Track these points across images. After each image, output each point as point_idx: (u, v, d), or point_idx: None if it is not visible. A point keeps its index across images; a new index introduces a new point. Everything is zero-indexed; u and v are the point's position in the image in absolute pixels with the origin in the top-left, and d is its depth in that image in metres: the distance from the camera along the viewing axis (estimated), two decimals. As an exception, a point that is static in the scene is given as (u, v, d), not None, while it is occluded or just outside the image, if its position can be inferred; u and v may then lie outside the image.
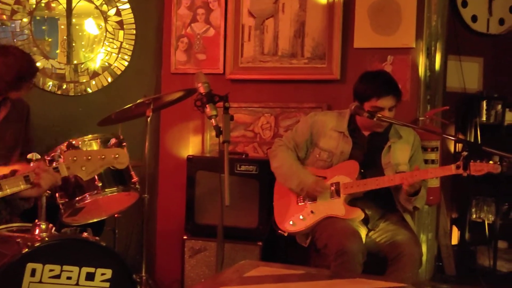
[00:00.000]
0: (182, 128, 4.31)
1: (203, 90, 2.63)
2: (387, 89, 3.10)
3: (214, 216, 3.67)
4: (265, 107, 4.16)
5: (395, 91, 3.12)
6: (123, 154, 2.29)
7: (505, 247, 4.85)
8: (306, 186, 3.18)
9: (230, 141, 2.56)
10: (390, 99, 3.10)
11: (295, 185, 3.22)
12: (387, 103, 3.09)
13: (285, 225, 3.25)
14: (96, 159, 2.28)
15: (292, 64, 4.09)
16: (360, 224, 3.18)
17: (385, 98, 3.09)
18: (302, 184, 3.19)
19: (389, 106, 3.10)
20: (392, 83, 3.16)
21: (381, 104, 3.08)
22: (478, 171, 2.88)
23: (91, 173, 2.32)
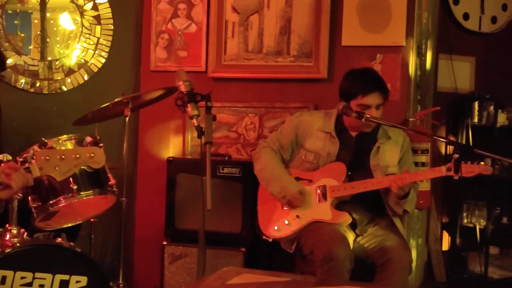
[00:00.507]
0: (162, 129, 4.29)
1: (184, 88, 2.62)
2: (373, 85, 3.11)
3: (195, 220, 3.65)
4: (249, 107, 4.15)
5: (382, 88, 3.14)
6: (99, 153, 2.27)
7: (497, 253, 4.89)
8: (288, 195, 3.17)
9: (212, 142, 2.55)
10: (376, 96, 3.11)
11: (277, 191, 3.22)
12: (373, 101, 3.10)
13: (269, 230, 3.25)
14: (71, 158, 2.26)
15: (278, 62, 4.09)
16: (348, 229, 3.18)
17: (371, 95, 3.10)
18: (284, 192, 3.19)
19: (376, 103, 3.11)
20: (378, 80, 3.18)
21: (367, 101, 3.09)
22: (469, 173, 2.90)
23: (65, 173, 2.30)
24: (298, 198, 3.16)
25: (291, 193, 3.16)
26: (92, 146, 2.93)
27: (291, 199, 3.17)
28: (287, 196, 3.17)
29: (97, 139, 3.06)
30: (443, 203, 4.76)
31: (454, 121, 4.76)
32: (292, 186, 3.18)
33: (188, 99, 2.59)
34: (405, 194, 3.05)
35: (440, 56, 4.49)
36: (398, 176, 3.04)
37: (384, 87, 3.16)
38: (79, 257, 2.51)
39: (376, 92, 3.10)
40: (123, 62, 4.37)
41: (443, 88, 4.63)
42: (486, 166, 2.91)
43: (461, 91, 4.73)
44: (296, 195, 3.16)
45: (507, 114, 4.77)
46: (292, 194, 3.16)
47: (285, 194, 3.18)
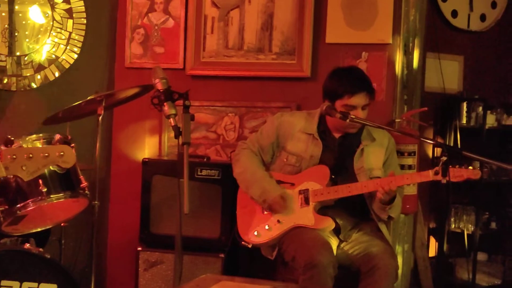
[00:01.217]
0: (137, 128, 4.28)
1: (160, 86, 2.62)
2: (360, 85, 3.12)
3: (171, 225, 3.64)
4: (229, 106, 4.15)
5: (369, 88, 3.15)
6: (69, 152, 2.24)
7: (485, 259, 4.94)
8: (269, 199, 3.17)
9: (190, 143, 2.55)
10: (363, 96, 3.12)
11: (257, 195, 3.21)
12: (360, 101, 3.11)
13: (249, 236, 3.25)
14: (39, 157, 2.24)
15: (259, 60, 4.09)
16: (331, 235, 3.19)
17: (358, 95, 3.10)
18: (264, 196, 3.19)
19: (363, 104, 3.12)
20: (365, 79, 3.19)
21: (354, 102, 3.10)
22: (458, 177, 2.92)
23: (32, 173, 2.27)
24: (279, 202, 3.16)
25: (272, 197, 3.16)
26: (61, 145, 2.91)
27: (272, 203, 3.17)
28: (267, 201, 3.17)
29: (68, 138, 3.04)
30: (430, 208, 4.80)
31: (442, 123, 4.80)
32: (273, 190, 3.19)
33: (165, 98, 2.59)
34: (390, 199, 3.07)
35: (427, 54, 4.53)
36: (384, 180, 3.05)
37: (371, 87, 3.17)
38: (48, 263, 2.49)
39: (363, 92, 3.11)
40: (96, 58, 4.35)
41: (430, 88, 4.66)
42: (474, 170, 2.94)
43: (449, 91, 4.78)
44: (277, 200, 3.16)
45: (496, 116, 4.82)
46: (273, 199, 3.16)
47: (265, 198, 3.18)
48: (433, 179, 2.95)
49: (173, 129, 2.54)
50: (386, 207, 3.09)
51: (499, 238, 4.97)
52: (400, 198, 3.20)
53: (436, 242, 4.80)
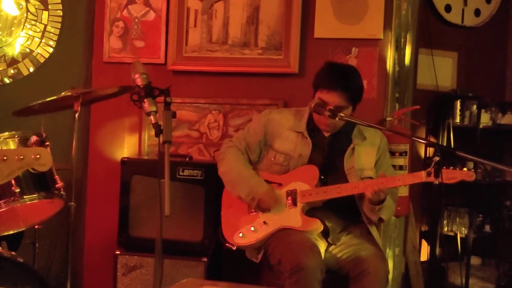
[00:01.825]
0: (116, 126, 4.26)
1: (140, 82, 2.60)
2: (336, 83, 3.10)
3: (151, 228, 3.65)
4: (212, 103, 4.15)
5: (344, 88, 3.11)
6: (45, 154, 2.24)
7: (479, 263, 4.97)
8: (258, 196, 3.17)
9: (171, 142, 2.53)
10: (337, 95, 3.09)
11: (245, 194, 3.21)
12: (332, 99, 3.10)
13: (233, 238, 3.24)
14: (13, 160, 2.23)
15: (244, 55, 4.09)
16: (319, 237, 3.20)
17: (331, 92, 3.10)
18: (253, 194, 3.19)
19: (335, 104, 3.10)
20: (346, 78, 3.14)
21: (325, 97, 3.11)
22: (451, 179, 2.93)
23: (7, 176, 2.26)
24: (269, 198, 3.16)
25: (261, 193, 3.16)
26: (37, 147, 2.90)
27: (262, 198, 3.16)
28: (256, 197, 3.16)
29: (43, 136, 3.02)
30: (422, 210, 4.82)
31: (435, 121, 4.83)
32: (261, 186, 3.19)
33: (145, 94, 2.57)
34: (380, 200, 3.07)
35: (420, 50, 4.55)
36: (374, 181, 3.06)
37: (348, 88, 3.12)
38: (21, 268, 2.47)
39: (336, 91, 3.10)
40: (73, 52, 4.33)
41: (423, 86, 4.69)
42: (469, 172, 2.95)
43: (442, 89, 4.80)
44: (266, 195, 3.16)
45: (491, 114, 4.85)
46: (262, 195, 3.16)
47: (254, 196, 3.17)
48: (426, 180, 2.96)
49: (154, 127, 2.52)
50: (375, 207, 3.09)
51: (493, 242, 5.00)
52: (392, 200, 3.21)
53: (428, 246, 4.82)
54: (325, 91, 3.11)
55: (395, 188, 3.23)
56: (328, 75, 3.15)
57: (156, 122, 2.52)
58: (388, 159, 3.39)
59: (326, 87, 3.11)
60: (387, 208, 3.16)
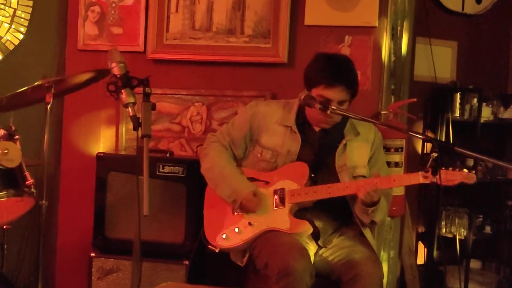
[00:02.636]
0: (91, 119, 4.26)
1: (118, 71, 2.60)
2: (340, 77, 3.11)
3: (129, 228, 3.66)
4: (195, 95, 4.14)
5: (350, 83, 3.14)
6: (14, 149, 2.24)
7: (479, 267, 5.00)
8: (240, 198, 3.17)
9: (151, 136, 2.53)
10: (340, 91, 3.10)
11: (227, 195, 3.21)
12: (336, 95, 3.10)
13: (217, 239, 3.24)
14: (-20, 156, 2.22)
15: (230, 43, 4.08)
16: (309, 240, 3.20)
17: (335, 88, 3.10)
18: (234, 195, 3.18)
19: (339, 99, 3.11)
20: (349, 71, 3.17)
21: (329, 94, 3.10)
22: (450, 181, 2.93)
23: (-27, 172, 2.26)
24: (252, 200, 3.16)
25: (243, 195, 3.16)
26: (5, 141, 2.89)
27: (243, 202, 3.16)
28: (238, 200, 3.17)
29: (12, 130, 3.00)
30: (418, 210, 4.84)
31: (433, 115, 4.85)
32: (244, 187, 3.19)
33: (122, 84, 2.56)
34: (373, 202, 3.08)
35: (417, 39, 4.56)
36: (367, 181, 3.06)
37: (353, 81, 3.15)
38: (-12, 271, 2.46)
39: (341, 85, 3.10)
40: (45, 39, 4.31)
41: (420, 77, 4.70)
42: (469, 174, 2.94)
43: (441, 81, 4.82)
44: (249, 197, 3.16)
45: (492, 108, 4.87)
46: (244, 196, 3.16)
47: (236, 198, 3.17)
48: (423, 182, 2.96)
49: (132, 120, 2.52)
50: (368, 209, 3.09)
51: (494, 244, 5.04)
52: (386, 201, 3.22)
53: (425, 248, 4.84)
54: (328, 87, 3.08)
55: (390, 188, 3.23)
56: (329, 69, 3.12)
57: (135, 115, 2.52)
58: (383, 155, 3.40)
59: (328, 82, 3.08)
60: (381, 210, 3.17)
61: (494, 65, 5.15)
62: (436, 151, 2.85)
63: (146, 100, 2.56)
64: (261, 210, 3.19)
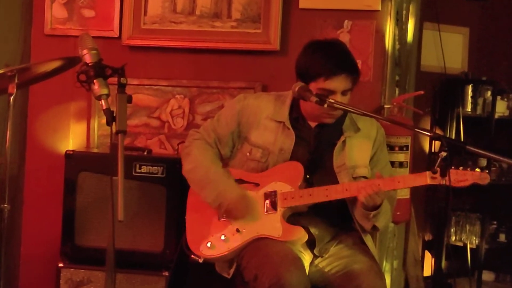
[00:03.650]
0: (60, 112, 4.25)
1: (89, 59, 2.60)
2: (340, 65, 3.12)
3: (102, 235, 3.65)
4: (176, 86, 4.14)
5: (351, 69, 3.14)
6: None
7: (492, 279, 5.03)
8: (226, 203, 3.16)
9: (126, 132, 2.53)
10: (344, 79, 3.11)
11: (212, 199, 3.21)
12: (339, 85, 3.11)
13: (200, 248, 3.24)
14: None
15: (215, 28, 4.08)
16: (303, 249, 3.20)
17: (337, 77, 3.10)
18: (220, 199, 3.18)
19: (342, 89, 3.12)
20: (347, 57, 3.17)
21: (331, 86, 3.10)
22: (461, 182, 2.94)
23: None
24: (239, 206, 3.16)
25: (230, 199, 3.16)
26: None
27: (230, 208, 3.16)
28: (224, 205, 3.16)
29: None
30: (425, 216, 4.86)
31: (442, 110, 4.86)
32: (231, 190, 3.18)
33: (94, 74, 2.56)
34: (376, 206, 3.08)
35: (425, 25, 4.57)
36: (369, 182, 3.06)
37: (354, 67, 3.16)
38: None
39: (343, 73, 3.10)
40: (7, 22, 4.30)
41: (428, 67, 4.71)
42: (482, 173, 2.95)
43: (451, 71, 4.83)
44: (237, 202, 3.15)
45: (508, 102, 4.89)
46: (231, 201, 3.15)
47: (221, 202, 3.17)
48: (431, 183, 2.97)
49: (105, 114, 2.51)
50: (369, 214, 3.10)
51: (509, 254, 5.05)
52: (389, 205, 3.22)
53: (432, 258, 4.86)
54: (330, 78, 3.08)
55: (394, 190, 3.24)
56: (326, 58, 3.11)
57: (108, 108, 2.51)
58: (386, 154, 3.40)
59: (329, 73, 3.07)
60: (384, 215, 3.17)
61: (510, 54, 5.17)
62: (445, 150, 2.85)
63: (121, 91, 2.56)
64: (250, 215, 3.19)
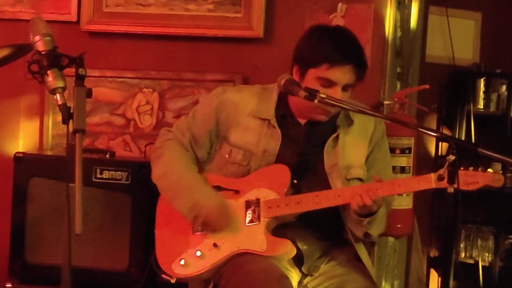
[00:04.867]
0: (8, 108, 4.27)
1: (43, 47, 2.58)
2: (349, 55, 3.10)
3: (56, 251, 3.67)
4: (144, 79, 4.14)
5: (359, 62, 3.13)
6: None
7: (508, 301, 5.05)
8: (203, 214, 3.15)
9: (85, 131, 2.52)
10: (348, 71, 3.10)
11: (186, 209, 3.19)
12: (342, 77, 3.10)
13: (172, 266, 3.23)
14: None
15: (189, 11, 4.08)
16: (290, 265, 3.20)
17: (342, 67, 3.08)
18: (196, 210, 3.16)
19: (346, 82, 3.11)
20: (358, 49, 3.16)
21: (333, 75, 3.09)
22: (471, 184, 2.94)
23: None
24: (218, 217, 3.14)
25: (207, 210, 3.14)
26: None
27: (208, 219, 3.15)
28: (201, 216, 3.15)
29: None
30: (430, 228, 4.87)
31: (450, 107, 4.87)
32: (208, 199, 3.18)
33: (48, 64, 2.55)
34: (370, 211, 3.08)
35: (430, 9, 4.58)
36: (366, 187, 3.06)
37: (362, 61, 3.14)
38: None
39: (350, 65, 3.10)
40: None
41: (434, 58, 4.72)
42: (495, 174, 2.96)
43: (460, 63, 4.84)
44: (216, 213, 3.14)
45: (526, 98, 4.91)
46: (209, 212, 3.14)
47: (197, 213, 3.15)
48: (437, 186, 2.97)
49: (61, 110, 2.50)
50: (363, 220, 3.10)
51: (526, 272, 5.08)
52: (385, 209, 3.23)
53: (438, 278, 4.87)
54: (334, 67, 3.07)
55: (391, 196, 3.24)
56: (335, 44, 3.11)
57: (64, 103, 2.50)
58: (386, 154, 3.39)
59: (335, 60, 3.06)
60: (379, 221, 3.17)
61: (528, 43, 5.20)
62: (454, 153, 2.86)
63: (80, 84, 2.54)
64: (230, 227, 3.18)
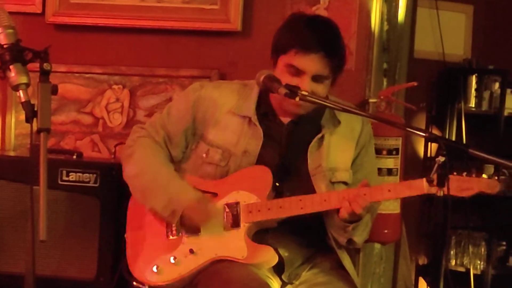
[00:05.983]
0: (-33, 106, 4.22)
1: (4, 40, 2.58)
2: (318, 41, 3.10)
3: (19, 259, 3.64)
4: (113, 74, 4.14)
5: (330, 50, 3.12)
6: None
7: (500, 311, 5.07)
8: (180, 209, 3.14)
9: (50, 130, 2.51)
10: (317, 59, 3.09)
11: (161, 207, 3.18)
12: (310, 65, 3.08)
13: (145, 273, 3.22)
14: None
15: (162, 3, 4.09)
16: (271, 273, 3.21)
17: (309, 54, 3.07)
18: (173, 205, 3.15)
19: (314, 72, 3.09)
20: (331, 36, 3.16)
21: (300, 62, 3.08)
22: (466, 190, 2.94)
23: None
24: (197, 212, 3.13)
25: (184, 203, 3.13)
26: None
27: (185, 214, 3.13)
28: (177, 211, 3.13)
29: None
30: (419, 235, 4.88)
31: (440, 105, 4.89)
32: (185, 192, 3.16)
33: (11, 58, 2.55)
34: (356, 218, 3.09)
35: (419, 2, 4.59)
36: (353, 192, 3.06)
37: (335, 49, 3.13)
38: None
39: (319, 52, 3.10)
40: None
41: (423, 53, 4.74)
42: (491, 180, 2.96)
43: (451, 59, 4.87)
44: (195, 206, 3.13)
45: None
46: (188, 205, 3.12)
47: (175, 208, 3.13)
48: (428, 192, 2.97)
49: (24, 108, 2.50)
50: (347, 226, 3.11)
51: (520, 281, 5.11)
52: (370, 215, 3.24)
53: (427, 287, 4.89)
54: (301, 53, 3.07)
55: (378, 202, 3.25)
56: (305, 29, 3.12)
57: (28, 101, 2.50)
58: (372, 158, 3.41)
59: (302, 46, 3.07)
60: (363, 227, 3.18)
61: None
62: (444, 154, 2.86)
63: (45, 80, 2.54)
64: (208, 232, 3.18)
